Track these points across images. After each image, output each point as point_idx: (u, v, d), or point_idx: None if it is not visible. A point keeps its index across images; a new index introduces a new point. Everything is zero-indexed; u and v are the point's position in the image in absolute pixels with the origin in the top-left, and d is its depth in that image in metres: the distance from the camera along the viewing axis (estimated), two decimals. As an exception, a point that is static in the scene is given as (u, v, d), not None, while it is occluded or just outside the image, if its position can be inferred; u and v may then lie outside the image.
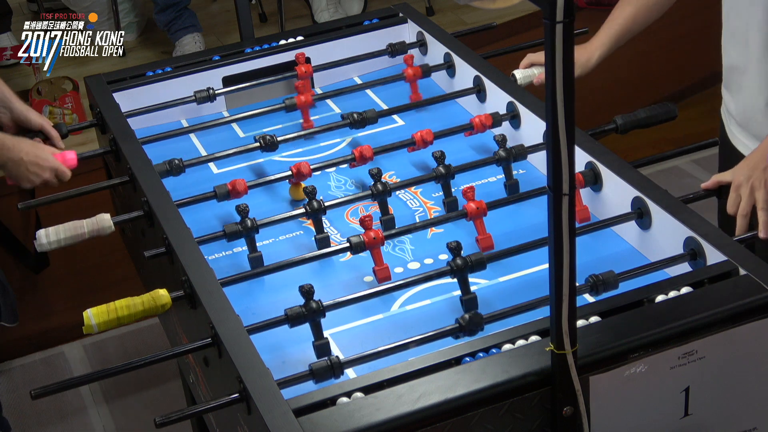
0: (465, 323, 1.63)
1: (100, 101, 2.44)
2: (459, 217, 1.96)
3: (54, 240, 1.98)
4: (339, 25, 2.74)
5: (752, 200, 1.83)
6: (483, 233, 1.95)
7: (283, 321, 1.69)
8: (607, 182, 1.99)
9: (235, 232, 1.94)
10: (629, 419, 1.55)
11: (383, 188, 2.02)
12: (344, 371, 1.60)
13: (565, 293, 1.36)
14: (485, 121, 2.23)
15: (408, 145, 2.22)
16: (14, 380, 3.35)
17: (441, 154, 2.06)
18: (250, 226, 1.94)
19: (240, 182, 2.08)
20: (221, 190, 2.07)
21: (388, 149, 2.22)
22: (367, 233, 1.87)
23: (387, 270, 1.90)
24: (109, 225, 2.01)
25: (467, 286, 1.77)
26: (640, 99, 3.82)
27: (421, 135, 2.20)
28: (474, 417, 1.47)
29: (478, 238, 1.95)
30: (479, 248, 1.94)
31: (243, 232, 1.94)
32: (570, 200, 1.29)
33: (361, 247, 1.87)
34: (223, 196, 2.07)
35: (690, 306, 1.59)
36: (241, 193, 2.08)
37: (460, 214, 1.95)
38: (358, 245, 1.87)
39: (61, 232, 1.99)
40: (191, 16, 4.11)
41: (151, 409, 3.18)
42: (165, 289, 1.76)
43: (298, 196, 2.15)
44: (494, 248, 1.93)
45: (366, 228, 1.88)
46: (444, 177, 2.06)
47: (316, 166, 2.16)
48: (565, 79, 1.22)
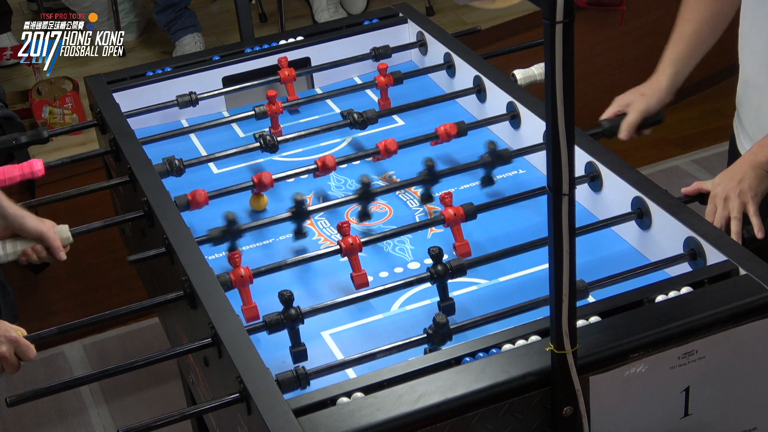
0: (432, 334, 1.63)
1: (100, 101, 2.44)
2: (437, 223, 1.94)
3: (11, 252, 2.01)
4: (339, 25, 2.74)
5: (727, 211, 1.87)
6: (461, 239, 1.93)
7: (261, 328, 1.68)
8: (607, 182, 1.99)
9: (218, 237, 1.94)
10: (629, 419, 1.55)
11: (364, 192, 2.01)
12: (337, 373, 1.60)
13: (565, 293, 1.36)
14: (450, 130, 2.22)
15: (431, 139, 2.22)
16: (14, 380, 3.35)
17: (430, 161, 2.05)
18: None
19: (201, 192, 2.07)
20: (181, 201, 2.05)
21: (411, 143, 2.22)
22: (345, 239, 1.86)
23: (365, 276, 1.87)
24: (67, 236, 2.03)
25: (446, 292, 1.77)
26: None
27: (445, 129, 2.21)
28: (474, 417, 1.47)
29: (456, 244, 1.92)
30: (456, 255, 1.91)
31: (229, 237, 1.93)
32: (570, 200, 1.29)
33: (340, 252, 1.86)
34: (183, 207, 2.05)
35: (690, 306, 1.59)
36: (202, 204, 2.06)
37: (438, 220, 1.93)
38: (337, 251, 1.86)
39: (18, 244, 2.01)
40: (191, 16, 4.12)
41: (151, 409, 3.18)
42: None
43: (259, 206, 2.14)
44: (471, 255, 1.91)
45: (343, 234, 1.87)
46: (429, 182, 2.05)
47: (341, 159, 2.16)
48: (565, 79, 1.22)
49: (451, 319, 1.74)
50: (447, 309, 1.76)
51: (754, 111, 2.10)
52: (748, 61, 2.09)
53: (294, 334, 1.70)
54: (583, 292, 1.69)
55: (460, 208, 1.91)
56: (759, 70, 2.06)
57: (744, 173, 1.88)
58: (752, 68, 2.09)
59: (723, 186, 1.89)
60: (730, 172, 1.91)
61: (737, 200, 1.85)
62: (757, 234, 1.83)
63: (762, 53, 2.04)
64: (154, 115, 2.50)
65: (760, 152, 1.90)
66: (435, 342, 1.63)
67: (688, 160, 4.16)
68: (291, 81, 2.52)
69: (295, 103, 2.50)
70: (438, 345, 1.63)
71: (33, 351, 1.77)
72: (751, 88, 2.10)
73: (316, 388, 1.52)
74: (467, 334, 1.65)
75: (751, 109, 2.11)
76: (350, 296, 1.77)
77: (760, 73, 2.06)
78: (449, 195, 1.93)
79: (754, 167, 1.88)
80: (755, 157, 1.90)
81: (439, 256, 1.75)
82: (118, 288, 3.44)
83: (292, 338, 1.70)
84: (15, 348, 1.76)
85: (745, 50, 2.10)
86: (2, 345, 1.74)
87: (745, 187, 1.86)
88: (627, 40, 4.33)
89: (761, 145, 1.91)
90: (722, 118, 4.09)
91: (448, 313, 1.76)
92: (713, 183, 1.92)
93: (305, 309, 1.70)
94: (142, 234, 2.18)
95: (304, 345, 1.70)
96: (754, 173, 1.88)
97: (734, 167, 1.92)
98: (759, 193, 1.87)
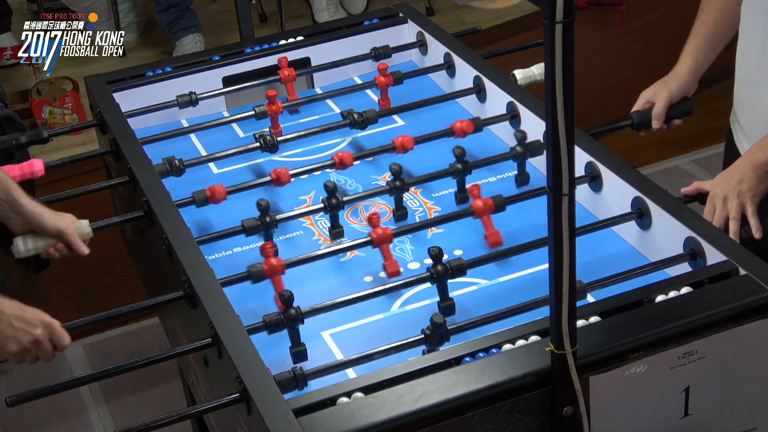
0: (430, 334, 1.63)
1: (100, 101, 2.44)
2: (465, 215, 1.95)
3: (32, 248, 1.98)
4: (339, 25, 2.74)
5: (726, 211, 1.87)
6: (491, 229, 1.94)
7: (262, 328, 1.68)
8: (607, 182, 1.99)
9: (253, 227, 1.95)
10: (629, 419, 1.55)
11: (402, 184, 2.03)
12: (344, 371, 1.60)
13: (565, 293, 1.36)
14: (466, 128, 2.23)
15: (447, 135, 2.23)
16: (14, 380, 3.34)
17: (462, 151, 2.07)
18: (269, 222, 1.95)
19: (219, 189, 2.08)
20: (200, 196, 2.07)
21: (427, 138, 2.22)
22: (375, 230, 1.88)
23: (396, 264, 1.89)
24: (87, 232, 2.01)
25: (446, 292, 1.77)
26: (641, 99, 3.83)
27: (461, 125, 2.21)
28: (474, 417, 1.47)
29: (487, 234, 1.94)
30: (488, 244, 1.93)
31: (261, 227, 1.95)
32: (570, 200, 1.29)
33: (371, 244, 1.88)
34: (202, 202, 2.07)
35: (690, 306, 1.59)
36: (220, 199, 2.07)
37: (467, 213, 1.95)
38: (368, 242, 1.88)
39: (38, 240, 1.99)
40: (193, 16, 4.12)
41: (151, 409, 3.18)
42: None
43: None
44: (503, 244, 1.93)
45: (374, 226, 1.89)
46: (461, 173, 2.07)
47: (357, 155, 2.18)
48: (565, 79, 1.22)
49: (451, 319, 1.74)
50: (447, 309, 1.76)
51: (749, 108, 2.10)
52: (743, 59, 2.10)
53: (294, 334, 1.70)
54: (581, 292, 1.69)
55: (490, 199, 1.93)
56: (753, 68, 2.07)
57: (743, 174, 1.88)
58: (747, 66, 2.09)
59: (722, 186, 1.89)
60: (729, 173, 1.91)
61: (736, 201, 1.86)
62: (754, 234, 1.83)
63: (755, 51, 2.05)
64: (154, 115, 2.50)
65: (759, 153, 1.90)
66: (433, 343, 1.63)
67: (688, 160, 4.16)
68: (291, 81, 2.53)
69: (295, 103, 2.50)
70: (436, 346, 1.63)
71: (67, 338, 1.71)
72: (746, 86, 2.11)
73: (316, 388, 1.52)
74: (467, 335, 1.65)
75: (746, 106, 2.11)
76: (350, 296, 1.77)
77: (754, 71, 2.07)
78: (477, 187, 1.95)
79: (754, 168, 1.89)
80: (754, 158, 1.90)
81: (439, 256, 1.75)
82: (118, 288, 3.44)
83: (291, 338, 1.70)
84: (50, 334, 1.70)
85: (741, 49, 2.11)
86: (37, 328, 1.69)
87: (744, 188, 1.87)
88: (627, 40, 4.33)
89: (760, 146, 1.91)
90: (722, 118, 4.08)
91: (448, 313, 1.76)
92: (712, 183, 1.92)
93: (305, 309, 1.70)
94: (142, 234, 2.18)
95: (304, 345, 1.70)
96: (753, 174, 1.88)
97: (733, 168, 1.92)
98: (758, 193, 1.88)
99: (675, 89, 2.16)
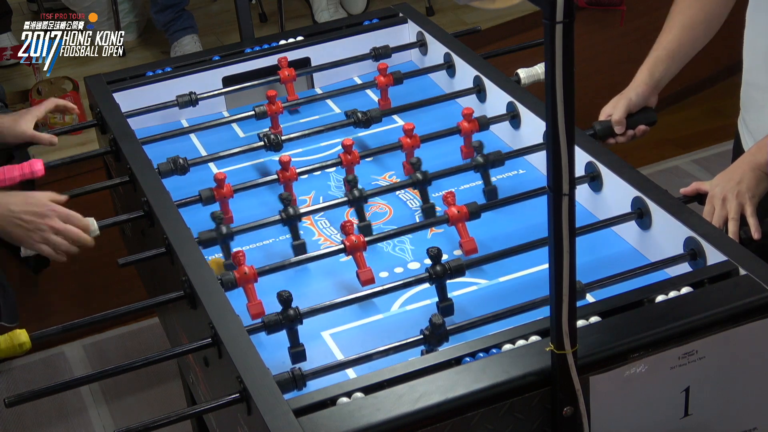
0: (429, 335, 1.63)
1: (100, 101, 2.44)
2: (440, 222, 1.94)
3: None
4: (339, 25, 2.74)
5: (725, 211, 1.87)
6: (466, 237, 1.93)
7: (261, 328, 1.68)
8: (607, 182, 1.99)
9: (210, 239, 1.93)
10: (629, 419, 1.55)
11: (359, 194, 2.01)
12: (345, 371, 1.60)
13: (565, 293, 1.36)
14: (474, 127, 2.23)
15: (453, 134, 2.23)
16: (14, 380, 3.35)
17: (417, 160, 2.06)
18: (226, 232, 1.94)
19: None
20: (206, 193, 2.07)
21: (434, 137, 2.22)
22: (349, 238, 1.86)
23: (370, 272, 1.87)
24: (94, 229, 2.03)
25: (445, 293, 1.77)
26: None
27: (468, 124, 2.21)
28: (474, 417, 1.47)
29: (461, 242, 1.93)
30: (463, 252, 1.92)
31: (219, 239, 1.93)
32: (570, 200, 1.29)
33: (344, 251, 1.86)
34: (208, 200, 2.07)
35: (690, 306, 1.59)
36: (227, 197, 2.07)
37: (442, 220, 1.94)
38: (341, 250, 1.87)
39: None
40: (189, 17, 4.12)
41: (151, 409, 3.18)
42: (24, 330, 1.72)
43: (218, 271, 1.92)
44: (478, 251, 1.92)
45: (347, 233, 1.86)
46: (421, 183, 2.04)
47: (363, 153, 2.17)
48: (565, 79, 1.22)
49: (451, 319, 1.74)
50: (446, 309, 1.76)
51: (757, 111, 2.11)
52: (752, 63, 2.11)
53: (293, 334, 1.70)
54: (581, 292, 1.69)
55: (464, 207, 1.92)
56: (761, 71, 2.07)
57: (743, 174, 1.89)
58: (755, 69, 2.10)
59: (721, 187, 1.89)
60: (729, 173, 1.91)
61: (735, 201, 1.86)
62: (753, 234, 1.83)
63: (764, 54, 2.05)
64: (154, 115, 2.50)
65: (758, 153, 1.90)
66: (432, 343, 1.63)
67: (689, 160, 4.16)
68: (291, 81, 2.53)
69: (295, 103, 2.50)
70: (435, 346, 1.63)
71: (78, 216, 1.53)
72: (754, 89, 2.11)
73: (316, 388, 1.52)
74: (466, 335, 1.65)
75: (754, 109, 2.12)
76: (350, 296, 1.77)
77: (762, 74, 2.07)
78: (452, 194, 1.93)
79: (753, 168, 1.89)
80: (754, 158, 1.90)
81: (438, 257, 1.75)
82: (118, 288, 3.43)
83: (290, 339, 1.70)
84: (65, 219, 1.55)
85: (749, 51, 2.11)
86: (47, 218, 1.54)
87: (743, 188, 1.87)
88: (627, 40, 4.33)
89: (760, 146, 1.92)
90: (723, 117, 4.10)
91: (447, 313, 1.76)
92: (711, 184, 1.92)
93: (304, 309, 1.70)
94: (142, 234, 2.18)
95: (303, 345, 1.70)
96: (752, 174, 1.88)
97: (733, 168, 1.92)
98: (757, 194, 1.88)
99: (633, 98, 2.16)
